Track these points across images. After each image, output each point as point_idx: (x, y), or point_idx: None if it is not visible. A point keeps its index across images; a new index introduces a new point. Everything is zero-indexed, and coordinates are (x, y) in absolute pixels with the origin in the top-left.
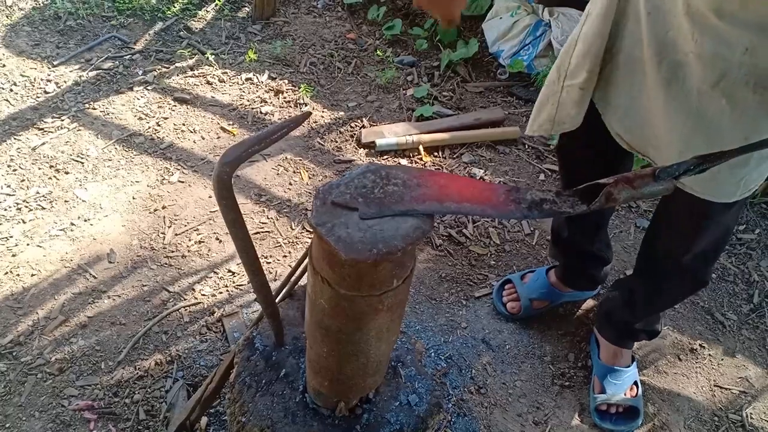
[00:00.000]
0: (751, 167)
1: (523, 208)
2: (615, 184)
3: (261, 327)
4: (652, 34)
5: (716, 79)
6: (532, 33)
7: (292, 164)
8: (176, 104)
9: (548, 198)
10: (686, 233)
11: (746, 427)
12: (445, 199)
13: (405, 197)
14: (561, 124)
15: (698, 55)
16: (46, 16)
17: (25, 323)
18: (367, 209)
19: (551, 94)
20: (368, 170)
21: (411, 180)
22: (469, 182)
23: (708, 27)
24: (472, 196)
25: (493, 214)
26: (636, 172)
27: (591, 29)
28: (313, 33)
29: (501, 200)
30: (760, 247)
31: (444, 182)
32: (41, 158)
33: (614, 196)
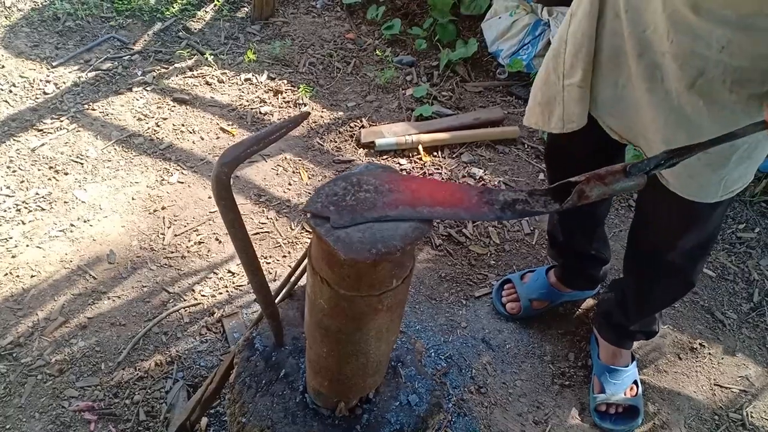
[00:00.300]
0: (730, 167)
1: (496, 209)
2: (587, 181)
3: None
4: (631, 30)
5: (692, 80)
6: (531, 32)
7: (292, 164)
8: (175, 105)
9: (521, 198)
10: (670, 231)
11: (746, 426)
12: (418, 203)
13: (377, 203)
14: (570, 122)
15: (674, 55)
16: (45, 17)
17: (25, 324)
18: (338, 218)
19: (556, 93)
20: (339, 177)
21: (383, 185)
22: (441, 185)
23: (684, 25)
24: (445, 199)
25: (466, 217)
26: (607, 169)
27: (579, 30)
28: (312, 33)
29: (474, 202)
30: (759, 245)
31: (416, 186)
32: (40, 159)
33: (586, 194)
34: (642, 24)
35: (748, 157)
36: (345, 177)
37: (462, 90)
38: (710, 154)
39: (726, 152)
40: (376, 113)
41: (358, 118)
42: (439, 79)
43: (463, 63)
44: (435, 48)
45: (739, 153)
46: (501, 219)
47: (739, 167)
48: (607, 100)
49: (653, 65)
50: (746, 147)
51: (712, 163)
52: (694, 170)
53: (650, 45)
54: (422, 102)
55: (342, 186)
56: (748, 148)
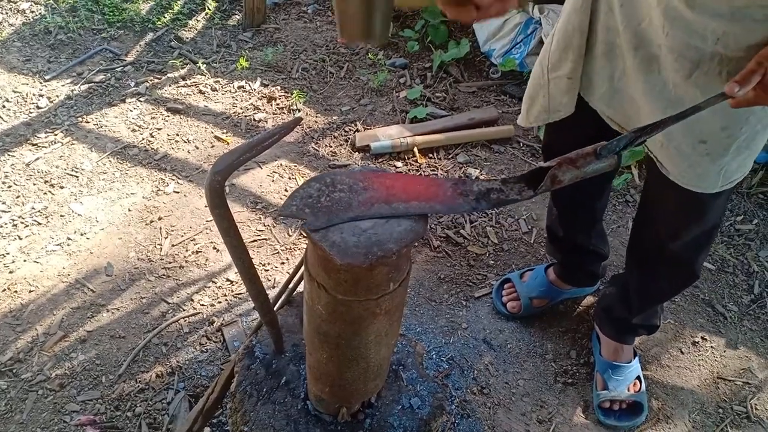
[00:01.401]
0: (729, 157)
1: (471, 200)
2: (558, 166)
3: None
4: (626, 24)
5: (689, 72)
6: (522, 31)
7: (287, 170)
8: (169, 114)
9: (495, 187)
10: (674, 221)
11: (751, 418)
12: (393, 199)
13: (353, 203)
14: (556, 112)
15: (670, 48)
16: (37, 31)
17: (24, 340)
18: (314, 220)
19: (539, 87)
20: (313, 179)
21: (357, 184)
22: (415, 179)
23: (679, 18)
24: (420, 193)
25: (442, 210)
26: (578, 152)
27: (569, 24)
28: (304, 38)
29: (449, 194)
30: (758, 237)
31: (390, 182)
32: (36, 174)
33: (559, 178)
34: (637, 17)
35: (746, 147)
36: (319, 178)
37: (456, 91)
38: (708, 144)
39: (724, 142)
40: (371, 116)
41: (353, 122)
42: (432, 80)
43: (455, 64)
44: (427, 49)
45: (737, 143)
46: (476, 209)
47: (737, 157)
48: (604, 93)
49: (650, 57)
50: (744, 137)
51: (711, 153)
52: (693, 160)
53: (646, 38)
54: (416, 104)
55: (316, 187)
56: (746, 139)
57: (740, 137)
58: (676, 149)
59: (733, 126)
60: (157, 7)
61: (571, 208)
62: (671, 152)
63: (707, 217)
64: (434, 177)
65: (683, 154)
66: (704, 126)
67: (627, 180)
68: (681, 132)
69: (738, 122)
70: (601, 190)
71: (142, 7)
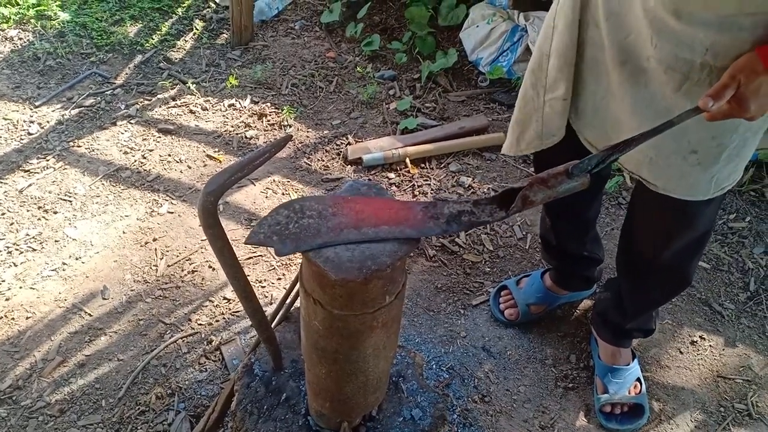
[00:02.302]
0: (721, 165)
1: (442, 223)
2: (530, 186)
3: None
4: (612, 38)
5: (679, 83)
6: (509, 39)
7: (281, 186)
8: (161, 135)
9: (466, 209)
10: (664, 231)
11: (752, 416)
12: (362, 225)
13: (321, 229)
14: (550, 137)
15: (659, 60)
16: (25, 58)
17: (22, 367)
18: (282, 247)
19: (533, 111)
20: (282, 206)
21: (326, 210)
22: (385, 203)
23: (666, 30)
24: (390, 217)
25: (412, 234)
26: (549, 172)
27: (562, 42)
28: (293, 54)
29: (419, 218)
30: (751, 234)
31: (360, 207)
32: (29, 200)
33: (530, 199)
34: (624, 30)
35: (736, 154)
36: (287, 205)
37: (445, 100)
38: (699, 154)
39: (715, 151)
40: (361, 129)
41: (344, 135)
42: (421, 91)
43: (444, 74)
44: (415, 61)
45: (728, 151)
46: (447, 232)
47: (728, 165)
48: (587, 111)
49: (638, 71)
50: (735, 145)
51: (703, 162)
52: (684, 171)
53: (634, 51)
54: (406, 115)
55: (284, 214)
56: (737, 146)
57: (730, 145)
58: (667, 160)
59: (723, 135)
60: (144, 29)
61: (564, 216)
62: (661, 164)
63: (698, 225)
64: (405, 201)
65: (674, 165)
66: (694, 136)
67: (619, 182)
68: (671, 144)
69: (728, 131)
70: (593, 198)
71: (129, 29)
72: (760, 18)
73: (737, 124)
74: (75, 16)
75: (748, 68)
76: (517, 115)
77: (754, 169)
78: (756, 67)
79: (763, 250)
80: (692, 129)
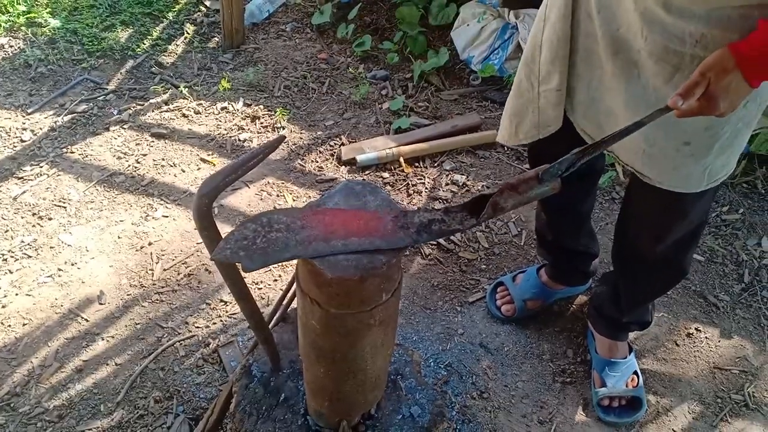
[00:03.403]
0: (713, 156)
1: (412, 232)
2: (500, 193)
3: (257, 354)
4: (604, 30)
5: (669, 76)
6: (500, 37)
7: (275, 188)
8: (154, 140)
9: (437, 218)
10: (658, 223)
11: (749, 406)
12: (331, 237)
13: (290, 242)
14: (546, 127)
15: (649, 52)
16: (17, 66)
17: (20, 373)
18: (250, 263)
19: (528, 102)
20: (249, 220)
21: (295, 223)
22: (355, 214)
23: (657, 23)
24: (359, 228)
25: (382, 245)
26: (519, 177)
27: (554, 34)
28: (285, 56)
29: (389, 228)
30: (745, 226)
31: (329, 219)
32: (23, 207)
33: (501, 205)
34: (615, 23)
35: (729, 145)
36: (255, 219)
37: (437, 99)
38: (692, 146)
39: (708, 142)
40: (355, 130)
41: (337, 136)
42: (414, 90)
43: (436, 73)
44: (407, 60)
45: (720, 142)
46: (417, 242)
47: (721, 156)
48: (581, 102)
49: (629, 63)
50: (727, 136)
51: (695, 153)
52: (678, 162)
53: (625, 43)
54: (399, 114)
55: (252, 228)
56: (729, 137)
57: (723, 136)
58: (661, 152)
59: (715, 126)
60: (136, 34)
61: (559, 211)
62: (654, 156)
63: (692, 217)
64: (375, 211)
65: (667, 157)
66: (687, 127)
67: (612, 177)
68: (664, 135)
69: (720, 122)
70: (587, 192)
71: (121, 35)
72: (748, 11)
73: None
74: (66, 23)
75: (718, 66)
76: (513, 106)
77: (746, 161)
78: (726, 64)
79: (756, 242)
80: (685, 120)
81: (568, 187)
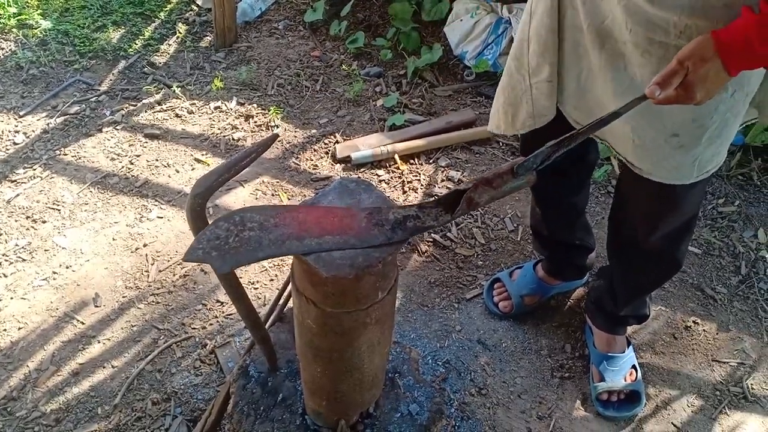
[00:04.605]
0: (702, 147)
1: (387, 230)
2: (474, 188)
3: (254, 354)
4: (589, 23)
5: (656, 67)
6: (493, 32)
7: (270, 187)
8: (147, 140)
9: (411, 214)
10: (650, 214)
11: (748, 398)
12: (305, 235)
13: (263, 241)
14: (541, 116)
15: (635, 44)
16: (8, 68)
17: (16, 377)
18: (222, 263)
19: (521, 93)
20: (221, 219)
21: (268, 221)
22: (328, 212)
23: (640, 14)
24: (333, 226)
25: (356, 244)
26: (494, 172)
27: (542, 27)
28: (277, 54)
29: (363, 226)
30: (741, 218)
31: (303, 217)
32: (17, 210)
33: (475, 201)
34: (600, 15)
35: (718, 136)
36: (227, 217)
37: (432, 95)
38: (681, 137)
39: (696, 133)
40: (349, 127)
41: (332, 133)
42: (408, 87)
43: (430, 69)
44: (401, 57)
45: (709, 132)
46: (391, 240)
47: (710, 147)
48: (571, 93)
49: (615, 54)
50: (716, 126)
51: (684, 144)
52: (667, 153)
53: (610, 35)
54: (394, 111)
55: (225, 227)
56: (717, 127)
57: (711, 127)
58: (650, 144)
59: (703, 116)
60: (127, 34)
61: (554, 205)
62: (644, 148)
63: (684, 209)
64: (349, 208)
65: (657, 148)
66: (675, 119)
67: (607, 171)
68: (652, 127)
69: (708, 112)
70: (581, 186)
71: (112, 35)
72: (732, 1)
73: (717, 104)
74: (57, 24)
75: (697, 55)
76: (507, 97)
77: (741, 153)
78: (705, 53)
79: (753, 234)
80: (673, 112)
81: (562, 180)
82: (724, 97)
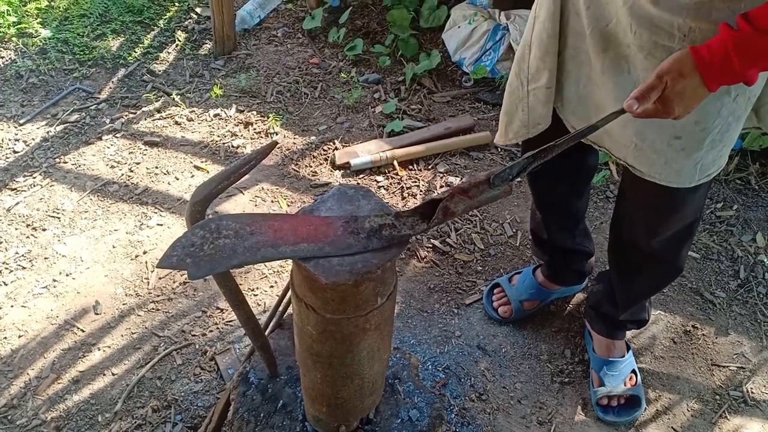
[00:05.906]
0: (704, 150)
1: (362, 238)
2: (450, 197)
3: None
4: (593, 27)
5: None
6: (491, 38)
7: (270, 194)
8: (147, 148)
9: (387, 223)
10: (652, 218)
11: (748, 402)
12: (280, 243)
13: (238, 249)
14: (536, 125)
15: (639, 47)
16: (8, 77)
17: (17, 385)
18: (196, 270)
19: (518, 101)
20: (197, 226)
21: (243, 229)
22: (305, 220)
23: (645, 16)
24: (309, 234)
25: (332, 251)
26: (471, 181)
27: (544, 32)
28: (276, 62)
29: (339, 234)
30: (739, 222)
31: (278, 225)
32: (17, 218)
33: (451, 210)
34: (605, 18)
35: (720, 140)
36: (203, 225)
37: (430, 102)
38: (683, 140)
39: (699, 136)
40: (348, 134)
41: (331, 140)
42: (406, 93)
43: (428, 75)
44: (399, 63)
45: (711, 136)
46: (367, 248)
47: (712, 150)
48: (571, 99)
49: (619, 58)
50: (718, 130)
51: (686, 147)
52: (669, 156)
53: (614, 38)
54: (392, 118)
55: (200, 235)
56: (720, 131)
57: (714, 130)
58: (652, 147)
59: (705, 120)
60: (127, 42)
61: (553, 210)
62: (646, 150)
63: (685, 213)
64: (326, 217)
65: (659, 151)
66: (677, 122)
67: (606, 176)
68: (654, 130)
69: (710, 116)
70: (581, 191)
71: (112, 43)
72: (736, 4)
73: (720, 108)
74: (56, 33)
75: (675, 71)
76: (505, 106)
77: (739, 158)
78: (683, 69)
79: (751, 238)
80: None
81: (562, 185)
82: (727, 100)
